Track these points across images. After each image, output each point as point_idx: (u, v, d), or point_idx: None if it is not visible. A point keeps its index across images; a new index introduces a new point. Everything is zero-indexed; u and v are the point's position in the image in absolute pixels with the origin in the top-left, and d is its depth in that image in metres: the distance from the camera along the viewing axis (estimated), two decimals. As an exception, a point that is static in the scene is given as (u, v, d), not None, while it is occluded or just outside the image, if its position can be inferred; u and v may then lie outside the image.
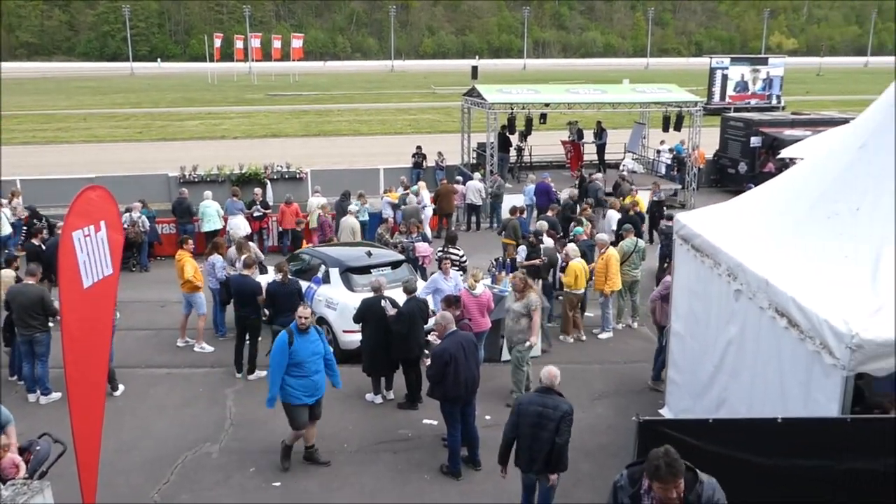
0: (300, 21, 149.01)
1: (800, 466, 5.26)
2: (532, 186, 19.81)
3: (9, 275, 11.28)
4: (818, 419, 5.69)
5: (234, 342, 11.33)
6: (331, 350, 8.79)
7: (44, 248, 13.49)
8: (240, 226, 17.02)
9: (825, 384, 5.89)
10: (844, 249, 6.34)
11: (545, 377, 7.10)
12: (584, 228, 14.29)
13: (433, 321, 9.36)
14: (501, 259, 14.04)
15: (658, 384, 10.51)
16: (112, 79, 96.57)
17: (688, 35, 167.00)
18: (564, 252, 12.82)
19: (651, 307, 11.17)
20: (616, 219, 16.15)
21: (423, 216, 17.44)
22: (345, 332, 11.34)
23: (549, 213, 16.15)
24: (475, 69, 38.17)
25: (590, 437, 9.06)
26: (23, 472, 6.62)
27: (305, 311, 8.48)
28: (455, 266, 12.73)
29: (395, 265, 12.44)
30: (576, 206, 17.55)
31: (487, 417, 9.72)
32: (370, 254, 12.60)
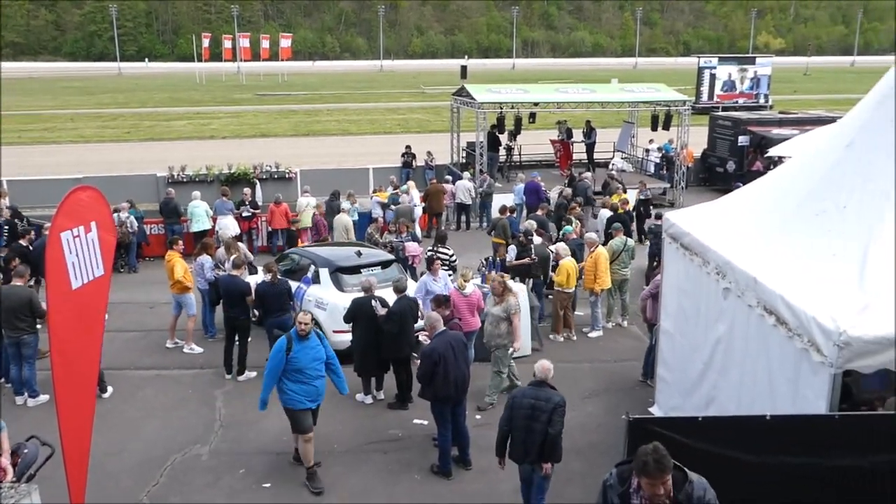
0: (289, 21, 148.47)
1: (788, 464, 5.31)
2: (521, 186, 19.82)
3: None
4: (806, 416, 5.72)
5: (224, 343, 11.30)
6: (334, 354, 8.56)
7: (31, 249, 13.37)
8: (229, 226, 16.95)
9: (813, 381, 5.92)
10: (832, 247, 6.37)
11: (539, 371, 7.23)
12: (574, 227, 14.32)
13: (423, 321, 9.35)
14: (491, 258, 14.05)
15: (650, 381, 10.54)
16: (99, 79, 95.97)
17: (676, 35, 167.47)
18: (555, 251, 12.85)
19: (641, 305, 11.22)
20: (607, 217, 16.17)
21: (415, 216, 17.43)
22: (335, 333, 11.31)
23: (539, 213, 16.17)
24: (464, 69, 38.11)
25: (580, 436, 9.07)
26: (10, 476, 6.57)
27: (305, 318, 8.23)
28: (445, 266, 12.73)
29: (385, 265, 12.42)
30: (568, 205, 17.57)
31: (478, 417, 9.74)
32: (360, 254, 12.58)
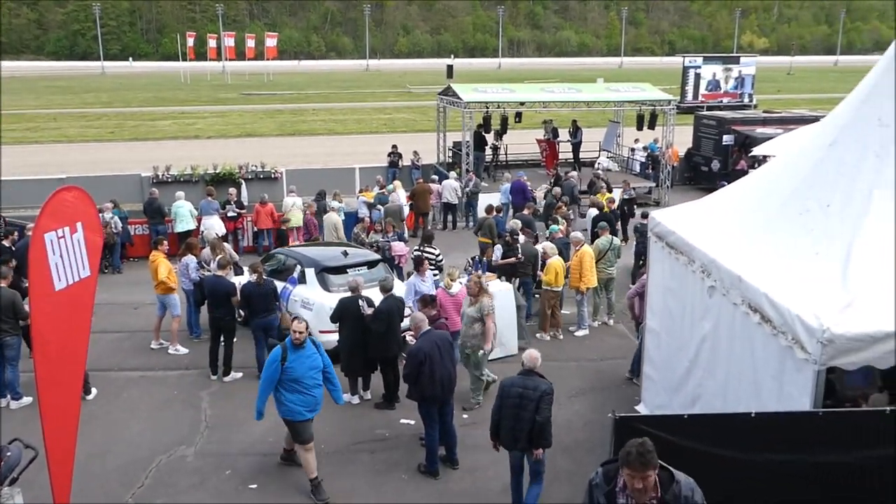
0: (274, 20, 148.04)
1: (773, 460, 5.34)
2: (508, 185, 19.85)
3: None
4: (791, 413, 5.75)
5: (209, 344, 11.24)
6: (331, 363, 8.33)
7: (13, 250, 13.25)
8: (215, 226, 16.85)
9: (797, 378, 5.96)
10: (815, 246, 6.41)
11: (527, 360, 7.36)
12: (560, 226, 14.35)
13: (408, 321, 9.33)
14: (478, 258, 14.05)
15: (638, 379, 10.58)
16: (82, 78, 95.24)
17: (661, 34, 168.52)
18: (543, 249, 12.87)
19: (629, 304, 11.24)
20: (594, 216, 16.22)
21: (403, 215, 17.40)
22: (321, 333, 11.28)
23: (525, 212, 16.19)
24: (450, 68, 38.00)
25: (567, 434, 9.08)
26: (-8, 479, 6.49)
27: (300, 326, 7.92)
28: (432, 265, 12.72)
29: (372, 265, 12.39)
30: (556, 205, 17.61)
31: (465, 416, 9.74)
32: (346, 253, 12.55)
